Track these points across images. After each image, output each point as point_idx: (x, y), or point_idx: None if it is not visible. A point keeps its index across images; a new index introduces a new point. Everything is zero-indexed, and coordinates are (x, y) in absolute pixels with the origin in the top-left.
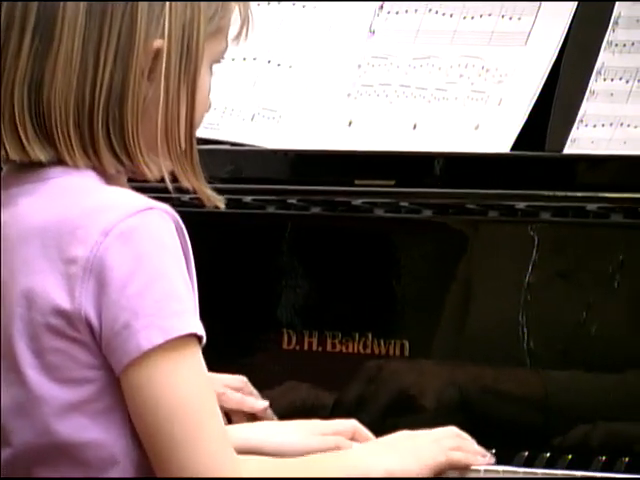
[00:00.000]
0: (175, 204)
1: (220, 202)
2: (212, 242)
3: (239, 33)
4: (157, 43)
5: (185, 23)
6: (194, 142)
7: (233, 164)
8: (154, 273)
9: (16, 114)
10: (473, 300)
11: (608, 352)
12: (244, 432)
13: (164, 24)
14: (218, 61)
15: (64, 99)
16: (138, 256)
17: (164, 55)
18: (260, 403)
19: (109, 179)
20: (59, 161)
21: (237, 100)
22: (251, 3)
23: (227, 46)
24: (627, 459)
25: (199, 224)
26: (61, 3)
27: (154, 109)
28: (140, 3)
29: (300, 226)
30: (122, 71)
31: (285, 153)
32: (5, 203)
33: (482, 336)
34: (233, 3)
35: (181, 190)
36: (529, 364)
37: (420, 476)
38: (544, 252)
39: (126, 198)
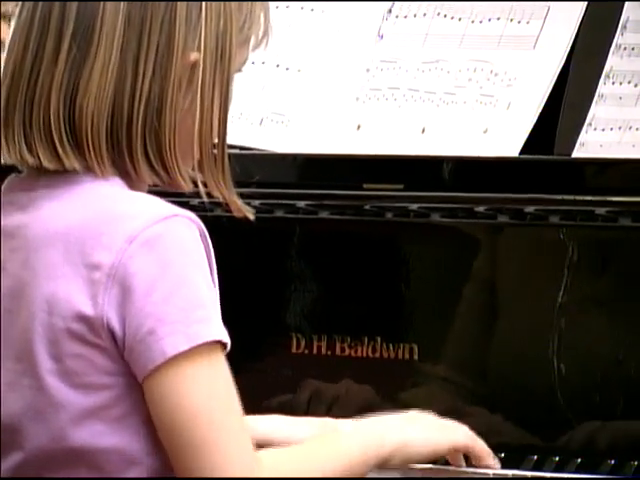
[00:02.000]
0: (184, 209)
1: (250, 213)
2: (221, 246)
3: (260, 42)
4: (194, 55)
5: (219, 34)
6: (225, 152)
7: (242, 168)
8: (179, 280)
9: (52, 122)
10: (482, 304)
11: (608, 354)
12: (253, 424)
13: (200, 35)
14: (240, 70)
15: (97, 108)
16: (163, 263)
17: (200, 66)
18: None
19: (133, 187)
20: (87, 168)
21: (246, 104)
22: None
23: (249, 56)
24: (636, 463)
25: (208, 228)
26: (100, 11)
27: (190, 120)
28: (178, 14)
29: (309, 230)
30: (161, 82)
31: (294, 157)
32: (28, 206)
33: (491, 340)
34: (258, 12)
35: (190, 195)
36: (538, 368)
37: (439, 447)
38: (554, 255)
39: (151, 205)
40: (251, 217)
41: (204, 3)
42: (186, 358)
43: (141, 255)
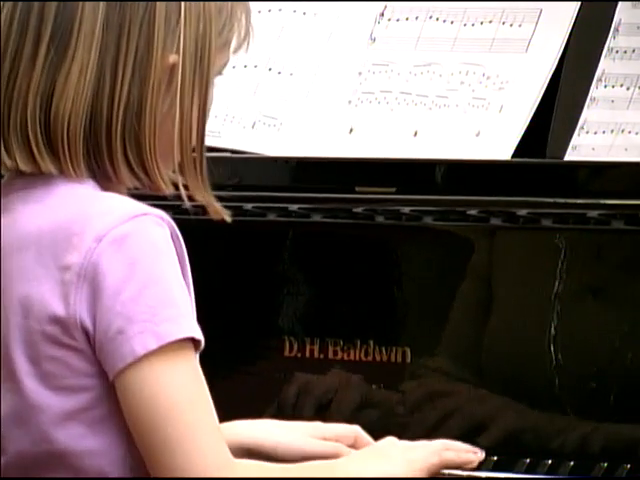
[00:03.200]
0: (175, 212)
1: (227, 215)
2: (213, 250)
3: (240, 45)
4: (173, 58)
5: (198, 37)
6: (204, 155)
7: (234, 171)
8: (148, 278)
9: (28, 125)
10: (475, 307)
11: (601, 357)
12: (244, 429)
13: (179, 38)
14: (221, 73)
15: (74, 111)
16: (132, 262)
17: (179, 69)
18: None
19: (112, 189)
20: (61, 171)
21: (238, 108)
22: (252, 11)
23: (229, 59)
24: (629, 466)
25: (200, 232)
26: (78, 14)
27: (170, 123)
28: (157, 16)
29: (301, 233)
30: (140, 85)
31: (286, 160)
32: (4, 210)
33: (484, 343)
34: (239, 15)
35: (181, 198)
36: (530, 371)
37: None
38: (547, 258)
39: (120, 204)
40: (228, 219)
41: (183, 6)
42: (156, 357)
43: (110, 254)
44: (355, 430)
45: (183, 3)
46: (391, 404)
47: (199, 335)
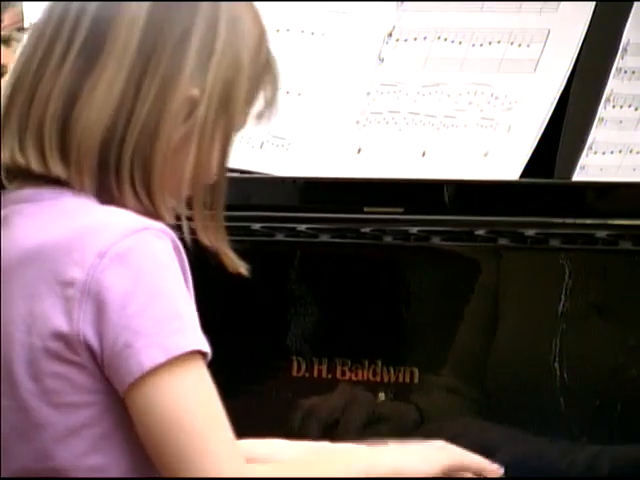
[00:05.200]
0: (182, 232)
1: (244, 269)
2: (221, 269)
3: (263, 112)
4: (194, 91)
5: (227, 79)
6: (222, 199)
7: (242, 191)
8: (153, 292)
9: (46, 125)
10: (483, 328)
11: (607, 378)
12: (251, 447)
13: (207, 74)
14: (239, 130)
15: (94, 121)
16: (136, 276)
17: (203, 106)
18: None
19: (106, 201)
20: (58, 181)
21: (246, 128)
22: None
23: (248, 119)
24: None
25: (208, 252)
26: (113, 31)
27: (184, 155)
28: (191, 47)
29: (309, 253)
30: (159, 111)
31: (294, 180)
32: (3, 224)
33: (491, 363)
34: (266, 81)
35: (191, 218)
36: (537, 391)
37: (433, 469)
38: (555, 279)
39: (121, 218)
40: (245, 273)
41: (218, 44)
42: (164, 370)
43: (113, 269)
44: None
45: (220, 41)
46: (399, 423)
47: (205, 347)
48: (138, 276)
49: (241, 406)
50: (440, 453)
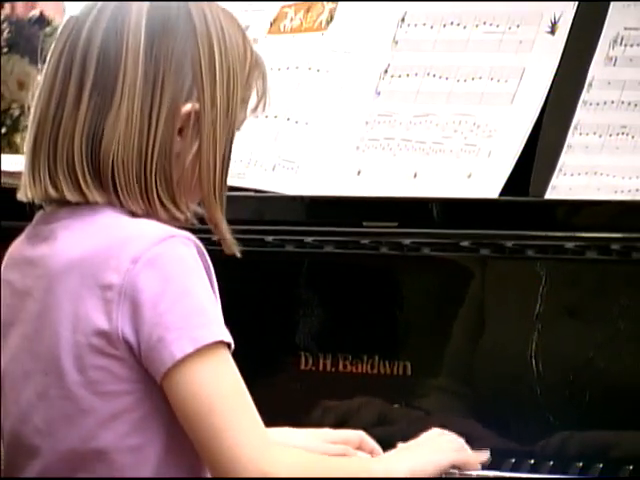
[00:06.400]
0: (207, 243)
1: (237, 250)
2: (238, 276)
3: (257, 105)
4: (197, 106)
5: (225, 89)
6: (224, 194)
7: (257, 208)
8: (180, 292)
9: (75, 162)
10: (468, 326)
11: (577, 369)
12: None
13: (208, 89)
14: (238, 129)
15: (126, 152)
16: (165, 278)
17: (206, 117)
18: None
19: (138, 215)
20: (106, 202)
21: (260, 152)
22: (272, 68)
23: (247, 116)
24: (601, 465)
25: (227, 260)
26: (121, 66)
27: (196, 164)
28: (190, 70)
29: (315, 262)
30: (170, 130)
31: (302, 199)
32: (49, 237)
33: (475, 357)
34: (256, 77)
35: (211, 231)
36: (517, 382)
37: (442, 467)
38: (530, 284)
39: (151, 228)
40: (237, 254)
41: (214, 62)
42: (194, 359)
43: (145, 273)
44: (360, 435)
45: (215, 59)
46: (394, 412)
47: (228, 338)
48: (167, 278)
49: (254, 397)
50: (448, 454)
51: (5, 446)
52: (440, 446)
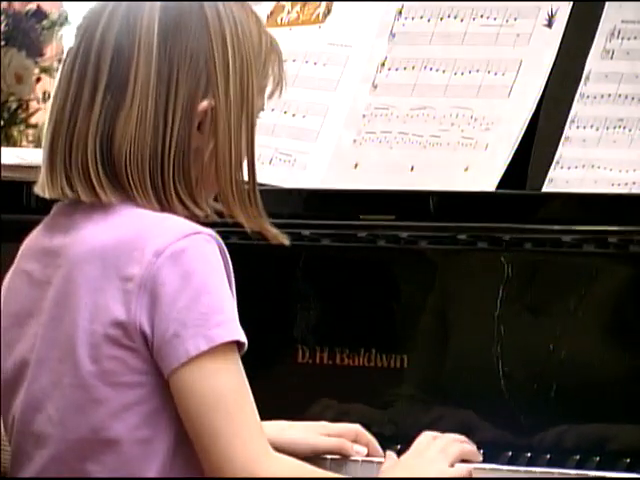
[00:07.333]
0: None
1: (285, 239)
2: (237, 268)
3: (274, 90)
4: (213, 102)
5: (240, 82)
6: (257, 187)
7: None
8: (201, 289)
9: (89, 163)
10: (465, 320)
11: (576, 371)
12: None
13: (223, 84)
14: (258, 117)
15: (140, 152)
16: (186, 274)
17: (224, 112)
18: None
19: (159, 210)
20: (122, 200)
21: (258, 146)
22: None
23: (265, 103)
24: (597, 458)
25: (229, 254)
26: (133, 67)
27: (214, 158)
28: (205, 66)
29: (312, 255)
30: (187, 127)
31: (299, 192)
32: (70, 228)
33: (472, 349)
34: (272, 63)
35: (210, 224)
36: (508, 379)
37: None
38: (527, 276)
39: (176, 223)
40: (286, 242)
41: (228, 57)
42: (206, 357)
43: (167, 267)
44: (356, 428)
45: (229, 53)
46: (390, 404)
47: (243, 338)
48: (188, 274)
49: (252, 389)
50: (440, 466)
51: (15, 434)
52: (431, 459)
